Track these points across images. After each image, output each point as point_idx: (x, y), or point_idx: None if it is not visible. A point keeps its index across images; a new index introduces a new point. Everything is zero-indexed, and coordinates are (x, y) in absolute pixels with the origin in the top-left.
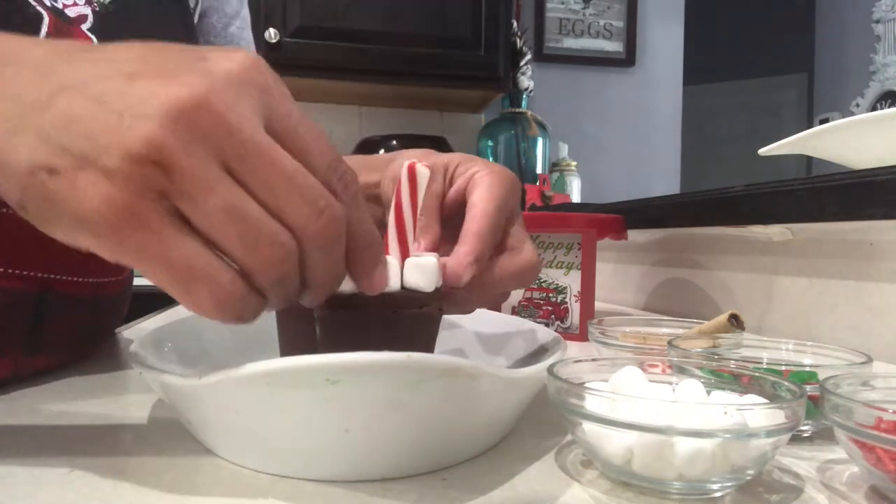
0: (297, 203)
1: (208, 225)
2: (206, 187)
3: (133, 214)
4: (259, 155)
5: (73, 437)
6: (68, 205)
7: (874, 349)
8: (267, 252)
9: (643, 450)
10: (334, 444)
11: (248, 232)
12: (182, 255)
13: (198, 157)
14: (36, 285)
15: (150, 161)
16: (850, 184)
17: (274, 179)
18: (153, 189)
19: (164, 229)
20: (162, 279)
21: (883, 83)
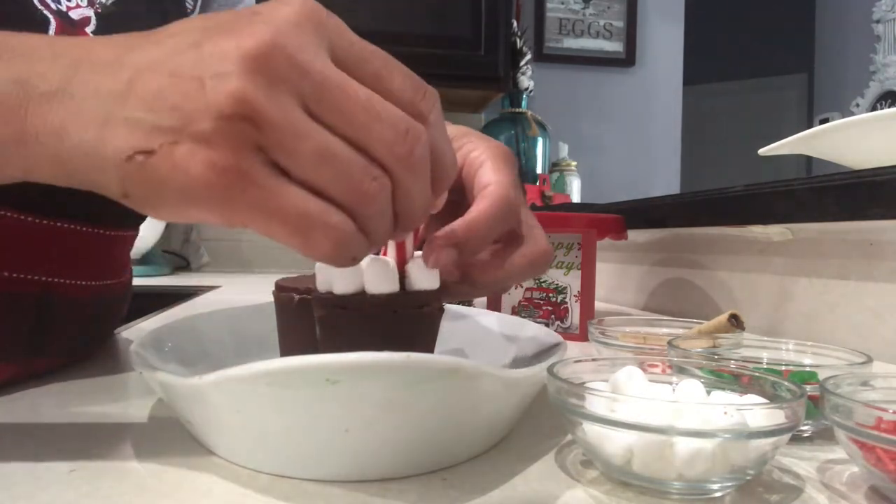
0: (379, 131)
1: (305, 170)
2: (296, 134)
3: (239, 172)
4: (334, 90)
5: (74, 437)
6: (172, 181)
7: (874, 349)
8: (365, 186)
9: (643, 450)
10: (334, 444)
11: (343, 171)
12: (294, 204)
13: (282, 104)
14: (37, 288)
15: (240, 117)
16: (850, 184)
17: (352, 112)
18: (250, 144)
19: (271, 182)
20: (279, 231)
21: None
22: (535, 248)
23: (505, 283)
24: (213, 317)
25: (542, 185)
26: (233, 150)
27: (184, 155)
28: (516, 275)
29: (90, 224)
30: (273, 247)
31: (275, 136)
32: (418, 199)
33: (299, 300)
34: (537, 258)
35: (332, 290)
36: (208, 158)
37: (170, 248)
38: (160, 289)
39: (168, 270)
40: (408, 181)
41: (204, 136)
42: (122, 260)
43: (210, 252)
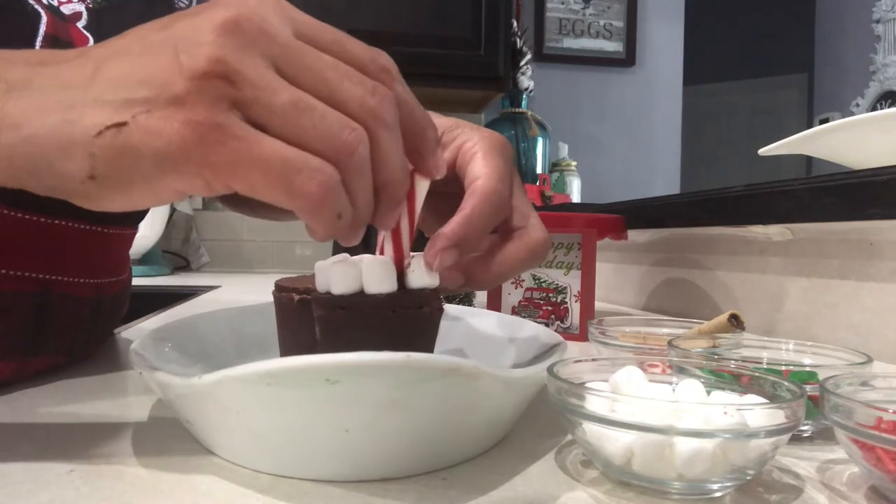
0: (349, 87)
1: (282, 123)
2: (270, 87)
3: (216, 125)
4: (302, 52)
5: (74, 437)
6: (147, 147)
7: (874, 349)
8: (343, 134)
9: (643, 450)
10: (334, 444)
11: (321, 120)
12: (274, 152)
13: (255, 62)
14: (36, 286)
15: (214, 74)
16: (850, 184)
17: (321, 70)
18: (225, 100)
19: (248, 133)
20: (262, 181)
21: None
22: (532, 238)
23: (505, 277)
24: (213, 317)
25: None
26: (208, 105)
27: (158, 119)
28: (516, 268)
29: (89, 222)
30: (273, 247)
31: (250, 91)
32: (394, 155)
33: (299, 300)
34: (535, 248)
35: (332, 290)
36: (184, 117)
37: (170, 248)
38: (160, 289)
39: (168, 270)
40: (382, 136)
41: (178, 97)
42: (121, 258)
43: (210, 252)
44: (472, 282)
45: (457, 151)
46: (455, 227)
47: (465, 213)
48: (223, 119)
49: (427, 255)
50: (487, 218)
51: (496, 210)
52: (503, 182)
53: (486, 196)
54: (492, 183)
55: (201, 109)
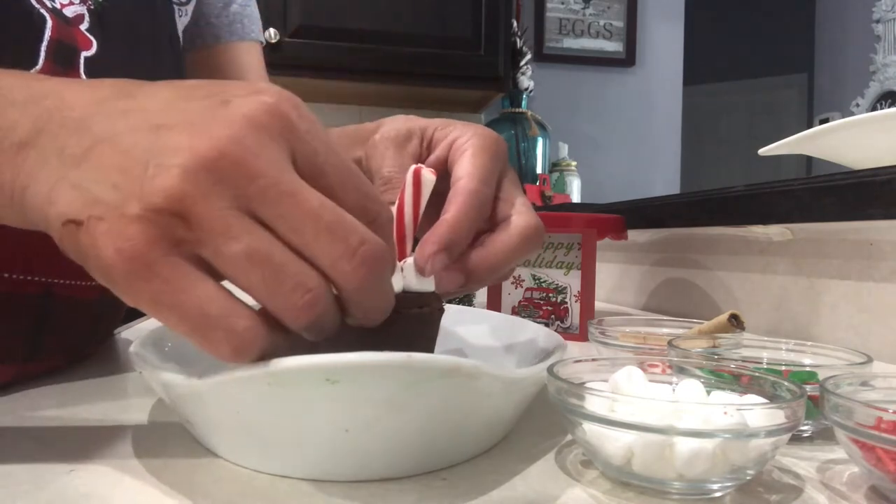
0: (326, 242)
1: (231, 272)
2: (225, 234)
3: (144, 264)
4: (282, 196)
5: (74, 437)
6: (90, 255)
7: (874, 349)
8: (294, 297)
9: (643, 450)
10: (334, 444)
11: (272, 277)
12: (196, 303)
13: (217, 205)
14: (37, 289)
15: (169, 212)
16: (850, 184)
17: (299, 219)
18: (170, 238)
19: (177, 277)
20: (178, 327)
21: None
22: (522, 225)
23: (503, 268)
24: None
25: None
26: (147, 239)
27: (103, 233)
28: (512, 256)
29: None
30: None
31: (201, 233)
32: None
33: None
34: (527, 233)
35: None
36: (120, 243)
37: None
38: None
39: None
40: (355, 297)
41: (128, 219)
42: None
43: None
44: (472, 278)
45: (448, 148)
46: (442, 230)
47: (450, 215)
48: (156, 257)
49: (419, 261)
50: (472, 219)
51: (478, 211)
52: (485, 183)
53: (467, 197)
54: (473, 184)
55: (141, 241)
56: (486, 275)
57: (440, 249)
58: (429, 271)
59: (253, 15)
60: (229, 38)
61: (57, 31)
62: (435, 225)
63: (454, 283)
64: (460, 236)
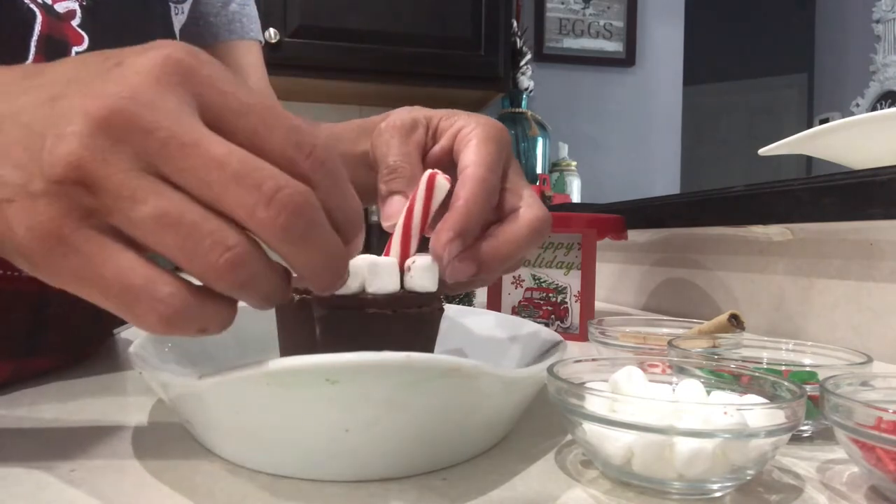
0: (238, 193)
1: (143, 236)
2: (130, 197)
3: (58, 239)
4: (183, 148)
5: (74, 437)
6: (7, 239)
7: (874, 349)
8: (212, 257)
9: (643, 450)
10: (334, 444)
11: (186, 238)
12: (115, 274)
13: (118, 167)
14: (35, 287)
15: (72, 181)
16: (850, 184)
17: (204, 170)
18: (79, 209)
19: (93, 249)
20: (103, 301)
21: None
22: (531, 217)
23: (512, 259)
24: None
25: (542, 185)
26: (56, 213)
27: (15, 214)
28: (521, 248)
29: None
30: None
31: (110, 200)
32: (309, 265)
33: (299, 300)
34: (535, 225)
35: None
36: (31, 221)
37: None
38: None
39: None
40: (286, 251)
41: (35, 197)
42: None
43: None
44: (484, 268)
45: (454, 137)
46: (455, 217)
47: (461, 203)
48: (68, 231)
49: (436, 249)
50: (482, 206)
51: (487, 198)
52: (491, 170)
53: (476, 184)
54: (481, 171)
55: (49, 216)
56: (498, 265)
57: (455, 236)
58: (446, 259)
59: (251, 14)
60: (228, 36)
61: (47, 27)
62: (446, 214)
63: (466, 273)
64: (472, 222)
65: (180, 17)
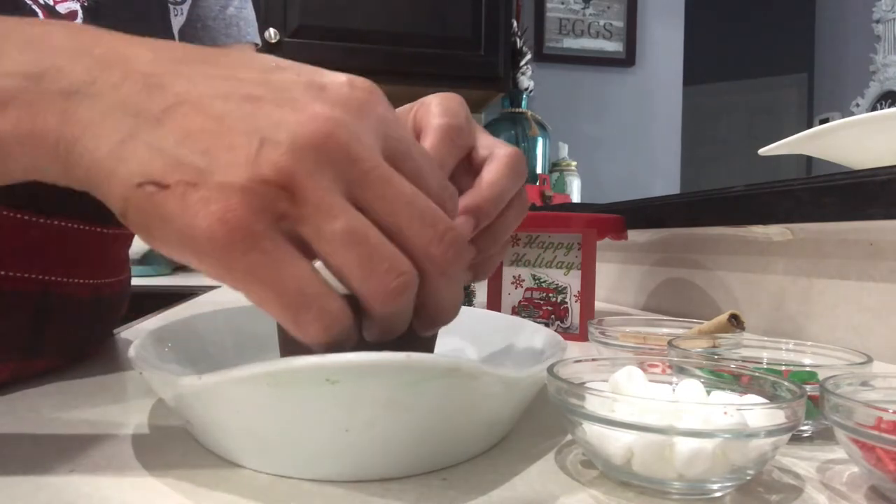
0: (419, 227)
1: (329, 250)
2: (329, 212)
3: (248, 235)
4: (381, 182)
5: (74, 437)
6: (177, 221)
7: (874, 349)
8: (387, 279)
9: (643, 450)
10: (334, 444)
11: (368, 258)
12: (294, 280)
13: (324, 184)
14: (35, 287)
15: (278, 184)
16: (850, 184)
17: (396, 204)
18: (274, 212)
19: (278, 252)
20: (271, 304)
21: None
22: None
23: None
24: (213, 317)
25: (542, 185)
26: (251, 211)
27: (199, 200)
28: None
29: (88, 222)
30: None
31: (306, 209)
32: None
33: None
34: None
35: None
36: (222, 211)
37: None
38: (160, 289)
39: (168, 270)
40: (434, 284)
41: (230, 188)
42: (120, 258)
43: None
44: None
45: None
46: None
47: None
48: (260, 228)
49: None
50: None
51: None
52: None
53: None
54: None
55: (245, 211)
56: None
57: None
58: None
59: (249, 17)
60: (226, 40)
61: None
62: None
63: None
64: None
65: (179, 18)
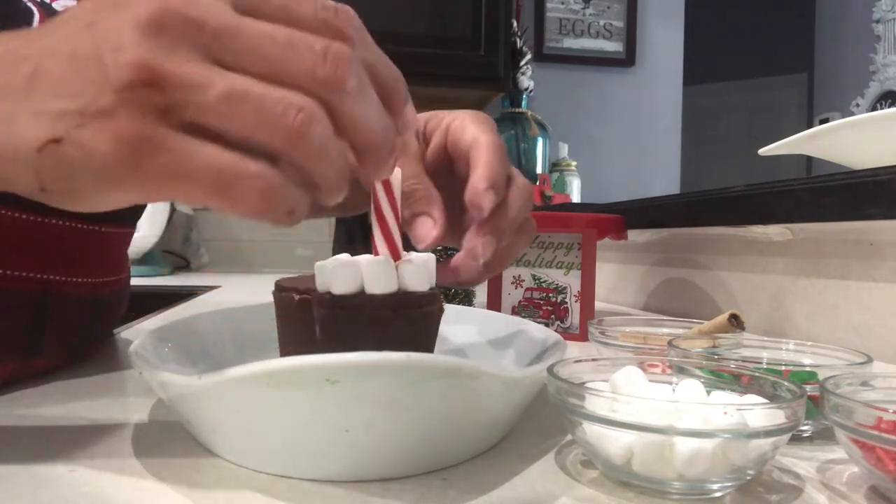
0: (294, 59)
1: (220, 120)
2: (200, 85)
3: (144, 140)
4: (234, 34)
5: (73, 436)
6: (85, 165)
7: (874, 349)
8: (287, 119)
9: (643, 450)
10: (334, 444)
11: (259, 108)
12: (207, 162)
13: (181, 59)
14: (34, 286)
15: (141, 83)
16: (850, 184)
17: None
18: (155, 110)
19: (180, 144)
20: (199, 193)
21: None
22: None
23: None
24: (213, 317)
25: (542, 185)
26: (136, 118)
27: (91, 135)
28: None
29: (86, 221)
30: (273, 247)
31: (180, 93)
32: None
33: (299, 300)
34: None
35: (332, 290)
36: (113, 132)
37: (170, 248)
38: (160, 289)
39: (168, 270)
40: (345, 103)
41: (107, 110)
42: (120, 257)
43: (210, 252)
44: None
45: (445, 132)
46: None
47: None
48: (152, 131)
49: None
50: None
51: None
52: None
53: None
54: (490, 137)
55: (130, 122)
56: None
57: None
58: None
59: None
60: None
61: None
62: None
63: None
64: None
65: None
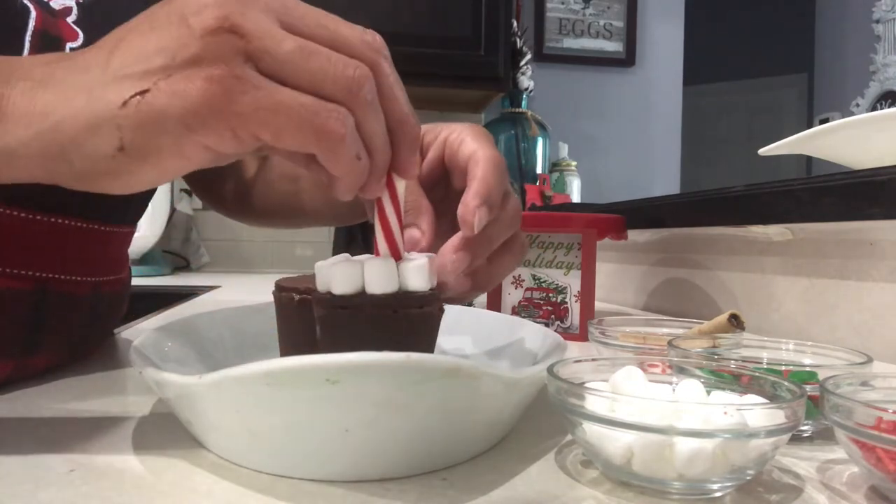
0: (347, 33)
1: (293, 69)
2: (275, 37)
3: (236, 77)
4: (297, 6)
5: (74, 436)
6: (173, 108)
7: (874, 349)
8: (349, 70)
9: (643, 450)
10: (334, 444)
11: (326, 61)
12: (293, 98)
13: (257, 16)
14: (33, 284)
15: (224, 30)
16: (850, 184)
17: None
18: (239, 54)
19: (266, 82)
20: (287, 125)
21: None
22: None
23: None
24: (213, 317)
25: (542, 185)
26: (224, 60)
27: (179, 80)
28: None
29: (87, 219)
30: (273, 247)
31: (258, 42)
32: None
33: (299, 300)
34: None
35: (332, 290)
36: (205, 73)
37: (170, 248)
38: (160, 289)
39: (168, 270)
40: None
41: (195, 57)
42: (120, 257)
43: (210, 252)
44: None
45: (443, 145)
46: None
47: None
48: (241, 71)
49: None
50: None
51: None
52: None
53: (488, 161)
54: (489, 151)
55: (220, 64)
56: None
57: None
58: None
59: None
60: None
61: (42, 23)
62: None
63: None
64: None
65: None
